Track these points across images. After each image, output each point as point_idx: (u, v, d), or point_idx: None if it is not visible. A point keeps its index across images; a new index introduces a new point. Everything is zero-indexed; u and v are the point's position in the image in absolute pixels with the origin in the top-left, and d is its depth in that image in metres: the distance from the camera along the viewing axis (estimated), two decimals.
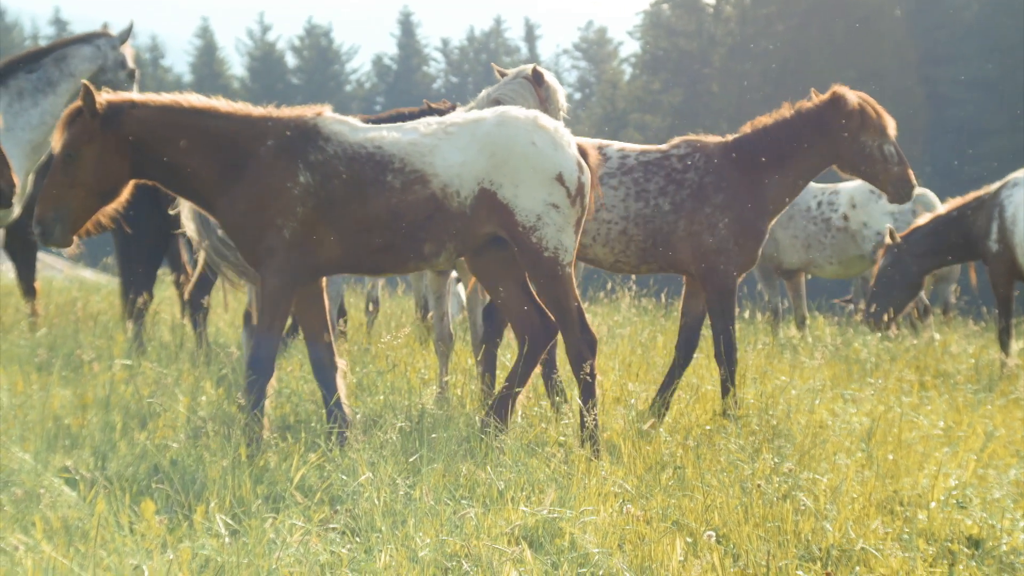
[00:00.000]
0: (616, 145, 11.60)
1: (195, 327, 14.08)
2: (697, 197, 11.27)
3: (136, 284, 14.36)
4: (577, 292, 9.71)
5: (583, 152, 9.82)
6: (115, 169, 9.26)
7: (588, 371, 9.55)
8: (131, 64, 13.68)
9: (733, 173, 11.33)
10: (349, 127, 9.53)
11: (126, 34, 14.06)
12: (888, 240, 16.95)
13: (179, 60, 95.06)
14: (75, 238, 9.36)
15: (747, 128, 11.54)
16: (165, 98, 9.46)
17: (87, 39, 13.65)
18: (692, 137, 11.63)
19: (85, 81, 9.27)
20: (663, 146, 11.59)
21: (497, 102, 11.85)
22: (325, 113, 9.57)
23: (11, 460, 8.15)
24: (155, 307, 16.84)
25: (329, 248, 9.36)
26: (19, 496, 7.47)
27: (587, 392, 9.53)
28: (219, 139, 9.36)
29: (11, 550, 6.44)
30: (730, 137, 11.54)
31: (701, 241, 11.21)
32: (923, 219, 17.08)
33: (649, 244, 11.35)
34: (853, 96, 11.60)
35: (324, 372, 9.65)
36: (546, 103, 12.00)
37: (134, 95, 9.48)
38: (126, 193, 9.47)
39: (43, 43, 14.57)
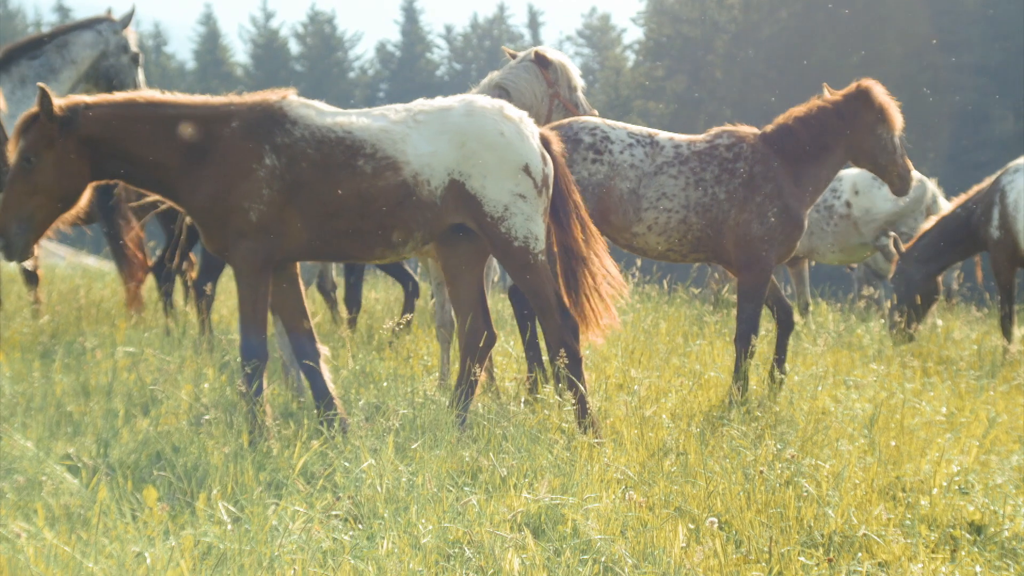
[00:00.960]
0: (664, 134, 11.56)
1: (199, 314, 14.09)
2: (748, 186, 11.40)
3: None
4: (552, 279, 9.69)
5: (547, 140, 9.83)
6: (76, 172, 9.17)
7: (572, 355, 9.57)
8: (134, 48, 13.65)
9: (778, 163, 11.49)
10: (315, 111, 9.50)
11: (128, 19, 14.03)
12: (894, 250, 16.88)
13: (182, 47, 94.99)
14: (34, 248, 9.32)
15: (786, 119, 11.60)
16: (119, 96, 9.42)
17: (89, 24, 13.63)
18: (730, 127, 11.69)
19: (41, 84, 9.17)
20: (705, 136, 11.61)
21: (501, 87, 11.79)
22: (290, 96, 9.53)
23: (13, 447, 8.15)
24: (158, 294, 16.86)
25: (297, 233, 9.34)
26: (21, 483, 7.48)
27: (575, 375, 9.55)
28: (180, 125, 9.32)
29: (13, 537, 6.45)
30: (768, 128, 11.61)
31: (749, 230, 11.35)
32: (928, 223, 17.03)
33: (705, 233, 11.44)
34: (879, 89, 11.70)
35: (308, 360, 9.64)
36: (556, 85, 11.91)
37: (86, 97, 9.37)
38: (86, 197, 9.41)
39: (46, 30, 14.50)
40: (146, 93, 9.49)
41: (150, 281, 16.79)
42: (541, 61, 11.88)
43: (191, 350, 12.53)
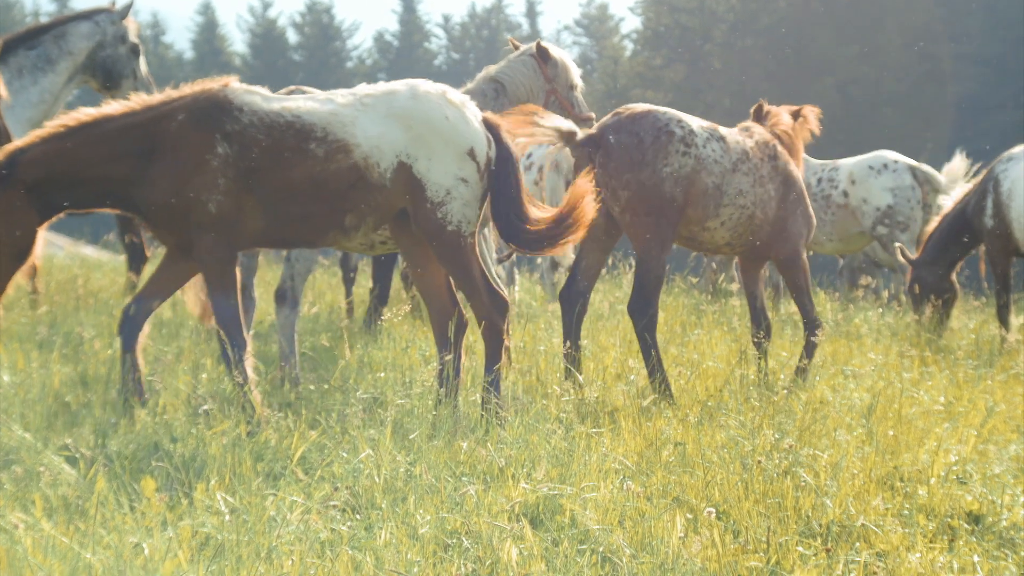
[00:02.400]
0: (722, 129, 11.56)
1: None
2: (786, 184, 11.74)
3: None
4: (479, 260, 9.69)
5: (494, 127, 9.83)
6: (25, 223, 9.11)
7: (496, 335, 9.63)
8: (132, 38, 13.60)
9: (793, 164, 11.96)
10: (261, 96, 9.49)
11: (126, 9, 13.98)
12: (902, 259, 16.85)
13: (180, 37, 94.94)
14: None
15: (785, 127, 11.94)
16: (49, 128, 9.27)
17: (88, 15, 13.59)
18: (749, 124, 11.85)
19: None
20: (743, 132, 11.65)
21: (496, 80, 11.76)
22: (233, 83, 9.51)
23: (11, 438, 8.15)
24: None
25: (254, 219, 9.35)
26: (19, 474, 7.47)
27: (494, 356, 9.60)
28: (122, 136, 9.23)
29: (11, 528, 6.44)
30: (779, 130, 12.00)
31: (788, 226, 11.71)
32: (932, 224, 17.06)
33: (762, 229, 11.61)
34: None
35: (131, 334, 9.64)
36: (554, 81, 11.85)
37: (16, 142, 9.27)
38: (40, 245, 9.33)
39: (45, 20, 14.44)
40: (78, 114, 9.32)
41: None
42: (542, 55, 11.82)
43: (189, 340, 12.52)
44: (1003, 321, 15.97)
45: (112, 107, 9.35)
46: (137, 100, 9.41)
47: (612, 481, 7.73)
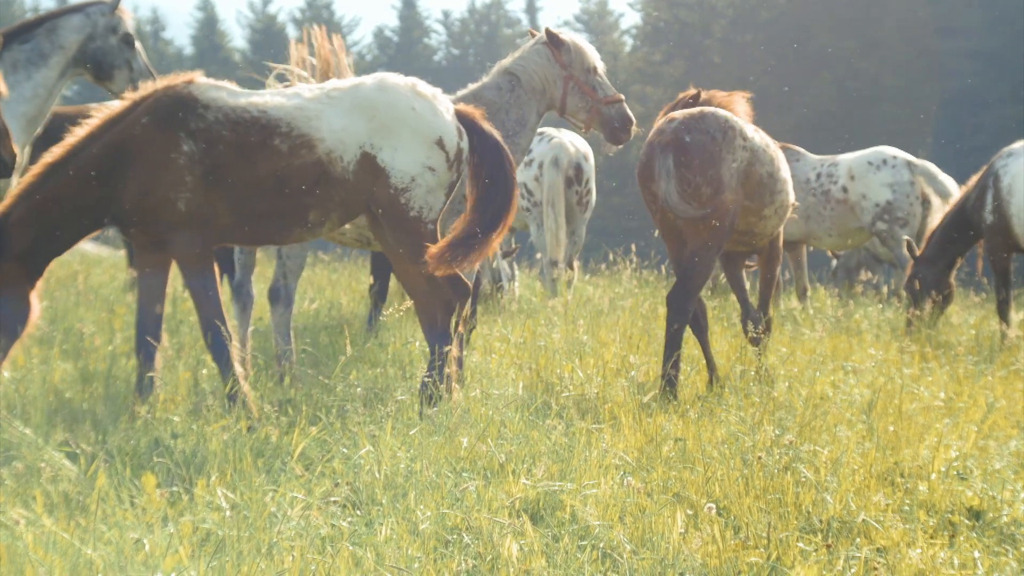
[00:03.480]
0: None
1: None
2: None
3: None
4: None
5: (469, 118, 9.84)
6: (20, 293, 9.11)
7: (443, 332, 9.64)
8: (125, 29, 13.44)
9: None
10: (227, 92, 9.50)
11: (117, 0, 13.80)
12: (907, 253, 16.83)
13: (180, 33, 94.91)
14: None
15: None
16: (25, 183, 9.23)
17: (80, 8, 13.47)
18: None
19: None
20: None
21: (510, 73, 11.63)
22: (198, 80, 9.50)
23: (12, 434, 8.14)
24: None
25: (223, 216, 9.35)
26: (20, 470, 7.47)
27: (437, 354, 9.62)
28: (93, 161, 9.19)
29: (12, 524, 6.44)
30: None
31: (772, 223, 11.78)
32: (935, 222, 17.07)
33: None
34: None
35: (146, 343, 9.65)
36: (570, 67, 11.68)
37: None
38: (37, 309, 9.32)
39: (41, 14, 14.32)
40: (46, 156, 9.28)
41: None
42: (554, 41, 11.66)
43: (189, 335, 12.53)
44: (1003, 317, 15.96)
45: (75, 134, 9.29)
46: (100, 115, 9.37)
47: (612, 477, 7.74)
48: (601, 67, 11.82)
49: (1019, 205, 15.64)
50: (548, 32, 11.63)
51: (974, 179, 16.51)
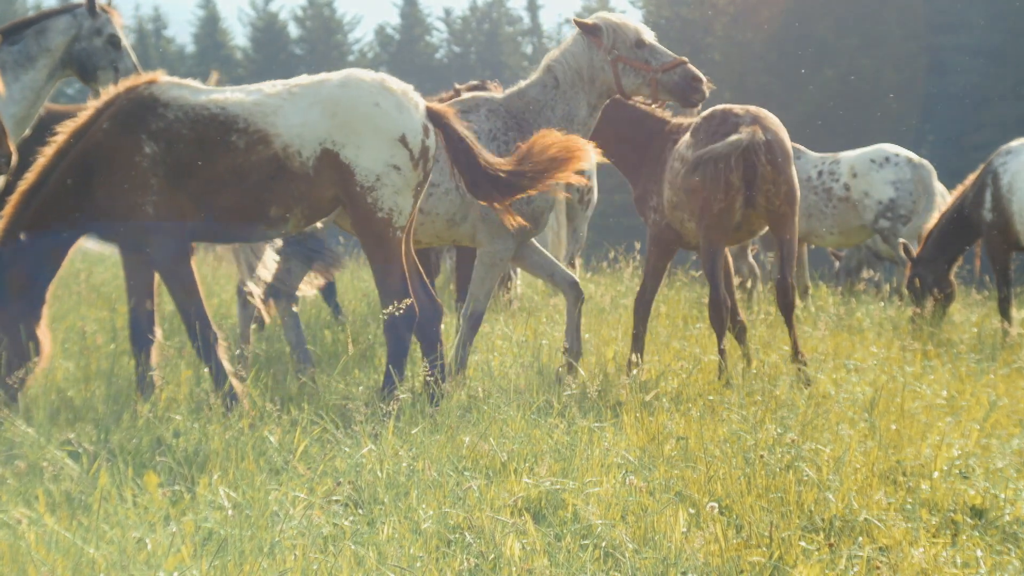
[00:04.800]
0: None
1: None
2: None
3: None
4: (403, 259, 9.67)
5: (440, 116, 9.77)
6: (30, 329, 9.26)
7: (400, 343, 9.59)
8: (111, 30, 13.31)
9: None
10: (190, 90, 9.49)
11: (92, 2, 13.58)
12: (904, 256, 16.82)
13: (182, 31, 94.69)
14: None
15: None
16: (3, 220, 9.34)
17: (68, 9, 13.41)
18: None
19: None
20: None
21: (549, 69, 11.33)
22: (160, 79, 9.50)
23: (14, 433, 8.15)
24: (156, 279, 16.81)
25: (191, 215, 9.35)
26: (22, 469, 7.48)
27: (397, 364, 9.60)
28: (63, 178, 9.24)
29: (14, 523, 6.45)
30: None
31: None
32: (932, 222, 17.06)
33: None
34: None
35: (141, 340, 9.68)
36: (615, 48, 11.25)
37: None
38: (48, 344, 9.42)
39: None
40: (21, 184, 9.36)
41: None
42: (583, 28, 11.28)
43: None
44: (1004, 315, 15.96)
45: (44, 154, 9.33)
46: (65, 128, 9.39)
47: (614, 476, 7.74)
48: (648, 36, 11.33)
49: (1020, 203, 15.63)
50: (575, 21, 11.37)
51: (971, 178, 16.50)
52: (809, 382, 10.94)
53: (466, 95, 11.51)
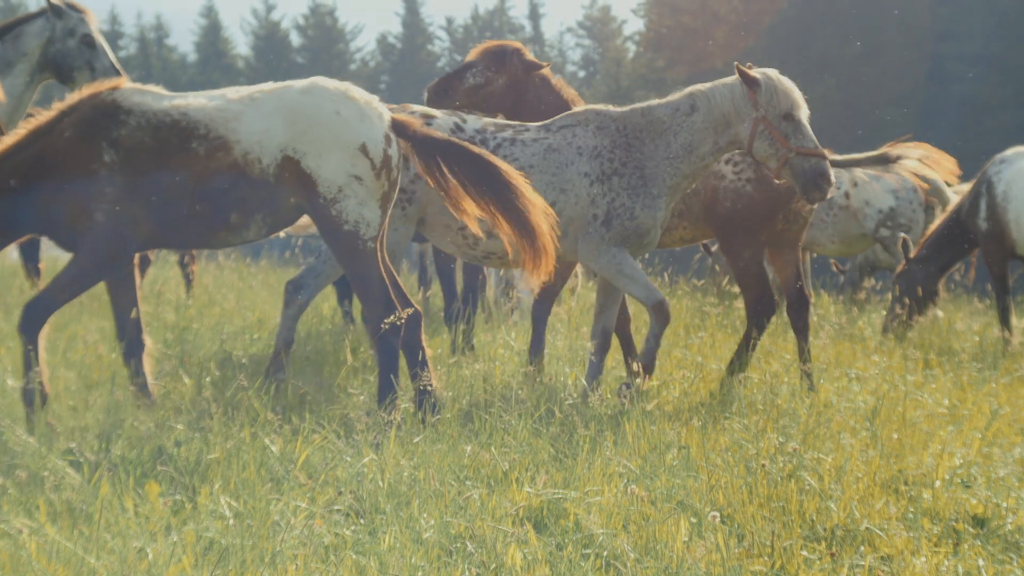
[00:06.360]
0: None
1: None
2: None
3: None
4: (381, 268, 9.60)
5: (404, 125, 9.66)
6: None
7: (389, 349, 9.46)
8: (85, 30, 13.18)
9: None
10: (152, 96, 9.39)
11: (58, 7, 13.48)
12: (901, 251, 16.80)
13: (184, 39, 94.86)
14: None
15: None
16: None
17: (43, 12, 13.32)
18: None
19: None
20: None
21: (693, 100, 10.87)
22: (123, 86, 9.42)
23: (15, 442, 8.14)
24: (159, 287, 16.85)
25: (141, 223, 9.25)
26: (23, 479, 7.47)
27: (390, 370, 9.48)
28: (23, 172, 9.16)
29: (15, 533, 6.44)
30: None
31: None
32: (934, 225, 17.06)
33: None
34: None
35: (132, 349, 9.68)
36: (764, 109, 10.76)
37: None
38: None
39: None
40: None
41: (150, 276, 16.75)
42: (745, 78, 10.87)
43: (192, 344, 12.52)
44: (1005, 324, 15.96)
45: (3, 142, 9.25)
46: (27, 125, 9.31)
47: (616, 485, 7.73)
48: (801, 113, 10.86)
49: (1016, 212, 15.64)
50: (738, 69, 10.94)
51: (968, 185, 16.51)
52: (813, 387, 10.96)
53: (580, 107, 11.26)
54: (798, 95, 10.91)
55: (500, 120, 11.22)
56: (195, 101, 9.38)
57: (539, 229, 9.46)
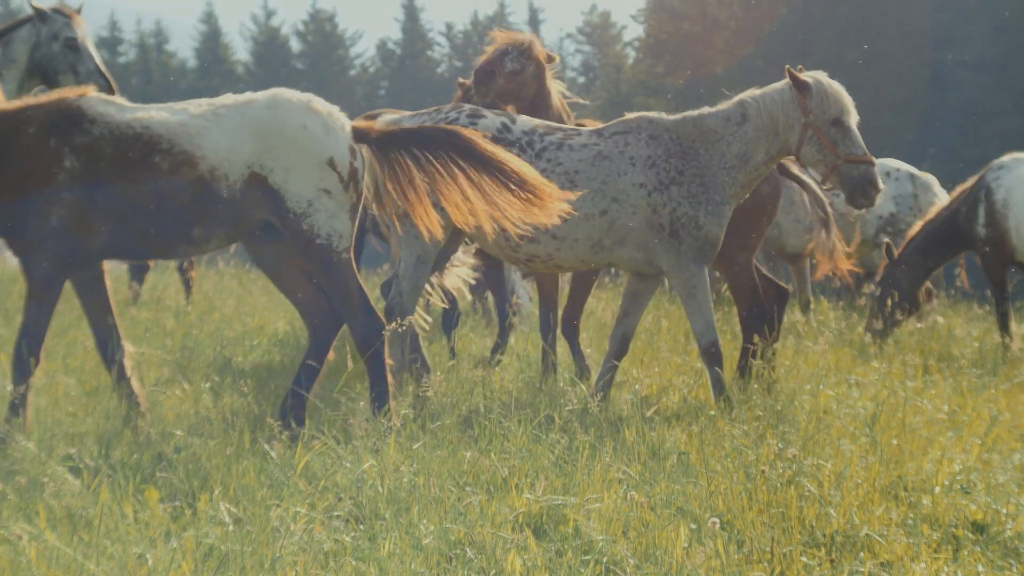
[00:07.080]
0: None
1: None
2: None
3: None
4: (358, 278, 9.60)
5: (363, 132, 9.61)
6: None
7: (376, 358, 9.46)
8: (69, 33, 13.12)
9: None
10: (116, 107, 9.33)
11: (43, 12, 13.43)
12: (885, 256, 16.80)
13: (183, 45, 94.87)
14: None
15: None
16: None
17: (31, 18, 13.29)
18: None
19: None
20: None
21: (743, 108, 10.64)
22: (90, 94, 9.36)
23: (15, 448, 8.15)
24: (159, 293, 16.86)
25: (97, 233, 9.18)
26: (23, 485, 7.48)
27: (378, 377, 9.48)
28: None
29: (15, 539, 6.45)
30: None
31: None
32: (914, 229, 16.98)
33: None
34: None
35: (111, 355, 9.64)
36: (814, 115, 10.76)
37: None
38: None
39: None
40: None
41: (150, 283, 16.75)
42: (796, 82, 10.80)
43: (192, 350, 12.53)
44: (1004, 329, 15.96)
45: None
46: None
47: (616, 491, 7.73)
48: (851, 120, 10.78)
49: (1016, 219, 15.64)
50: (789, 73, 10.85)
51: (958, 191, 16.48)
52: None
53: (631, 115, 11.10)
54: (848, 100, 10.82)
55: (549, 123, 11.04)
56: (157, 115, 9.28)
57: (523, 171, 9.36)
